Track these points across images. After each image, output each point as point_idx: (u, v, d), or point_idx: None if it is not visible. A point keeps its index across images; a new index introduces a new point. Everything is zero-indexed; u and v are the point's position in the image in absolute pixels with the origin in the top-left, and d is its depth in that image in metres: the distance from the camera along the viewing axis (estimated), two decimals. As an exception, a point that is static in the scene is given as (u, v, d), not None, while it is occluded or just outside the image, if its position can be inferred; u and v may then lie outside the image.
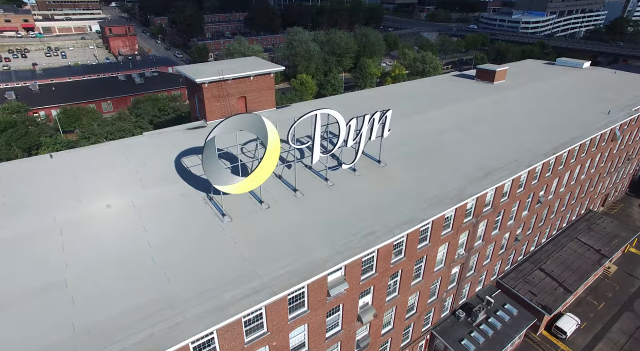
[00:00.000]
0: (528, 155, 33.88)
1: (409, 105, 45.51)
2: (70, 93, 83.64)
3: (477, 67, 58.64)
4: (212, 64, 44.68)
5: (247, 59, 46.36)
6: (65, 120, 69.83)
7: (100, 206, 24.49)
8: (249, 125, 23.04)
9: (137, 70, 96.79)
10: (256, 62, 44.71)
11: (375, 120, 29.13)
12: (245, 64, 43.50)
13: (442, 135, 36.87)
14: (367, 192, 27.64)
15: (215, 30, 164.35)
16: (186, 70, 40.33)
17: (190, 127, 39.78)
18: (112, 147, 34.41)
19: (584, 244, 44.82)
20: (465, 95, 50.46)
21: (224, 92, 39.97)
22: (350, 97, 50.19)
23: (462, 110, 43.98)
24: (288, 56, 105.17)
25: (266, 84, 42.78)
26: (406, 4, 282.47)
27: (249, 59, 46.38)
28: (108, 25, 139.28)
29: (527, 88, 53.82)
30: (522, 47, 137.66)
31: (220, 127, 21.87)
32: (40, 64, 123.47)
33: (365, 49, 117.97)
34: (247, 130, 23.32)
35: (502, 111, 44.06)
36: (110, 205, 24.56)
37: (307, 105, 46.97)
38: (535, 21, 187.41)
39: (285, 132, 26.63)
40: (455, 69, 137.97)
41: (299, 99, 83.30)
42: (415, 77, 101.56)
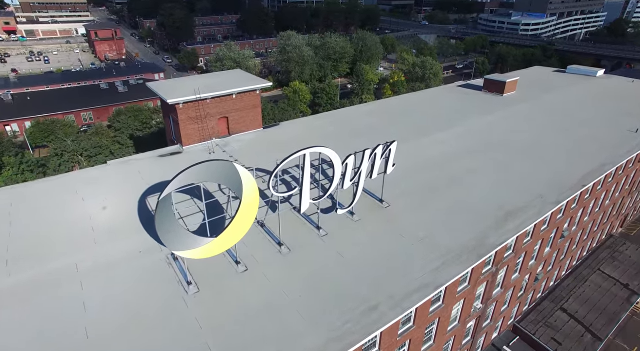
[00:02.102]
0: (553, 188, 29.08)
1: (412, 124, 40.72)
2: (46, 103, 78.12)
3: (485, 77, 53.91)
4: (190, 78, 39.60)
5: (230, 72, 41.33)
6: (38, 134, 64.37)
7: (32, 274, 19.33)
8: (217, 175, 18.02)
9: (121, 78, 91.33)
10: (240, 76, 39.68)
11: (377, 155, 24.14)
12: (228, 78, 38.45)
13: (452, 163, 32.01)
14: (367, 244, 22.72)
15: (207, 33, 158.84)
16: (159, 88, 35.25)
17: (163, 154, 34.67)
18: (67, 182, 29.24)
19: (608, 277, 40.17)
20: (474, 110, 45.70)
21: (202, 113, 34.89)
22: (347, 113, 45.24)
23: (471, 130, 39.20)
24: (281, 61, 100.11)
25: (251, 102, 37.75)
26: (403, 5, 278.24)
27: (233, 72, 41.36)
28: (94, 29, 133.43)
29: (540, 102, 49.21)
30: (523, 50, 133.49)
31: (177, 181, 16.87)
32: (21, 70, 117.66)
33: (361, 53, 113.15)
34: (215, 181, 18.34)
35: (516, 130, 39.31)
36: (47, 271, 19.42)
37: (298, 124, 41.97)
38: (535, 23, 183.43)
39: (269, 161, 21.53)
40: (455, 73, 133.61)
41: (291, 109, 78.25)
42: (414, 83, 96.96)
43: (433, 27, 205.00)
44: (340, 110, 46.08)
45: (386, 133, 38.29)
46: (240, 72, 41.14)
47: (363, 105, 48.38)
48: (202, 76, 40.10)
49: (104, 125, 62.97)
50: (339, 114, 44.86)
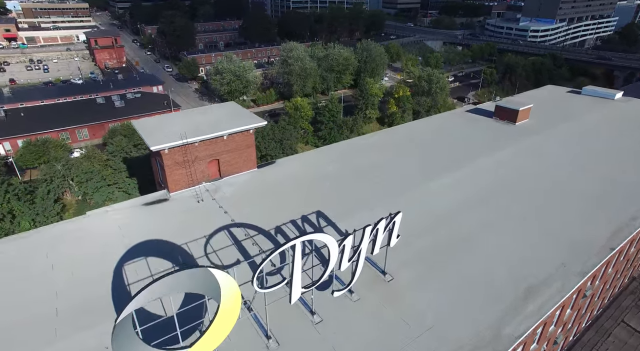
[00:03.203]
0: (577, 251, 25.95)
1: (418, 163, 37.68)
2: (41, 119, 75.91)
3: (496, 104, 50.65)
4: (179, 115, 36.81)
5: (222, 106, 38.48)
6: (28, 157, 62.08)
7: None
8: (192, 285, 15.11)
9: (118, 91, 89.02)
10: (233, 112, 36.84)
11: (379, 230, 21.20)
12: (219, 116, 35.62)
13: (461, 216, 28.93)
14: (368, 333, 19.81)
15: (208, 40, 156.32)
16: (143, 129, 32.50)
17: (149, 202, 31.90)
18: (39, 242, 26.59)
19: (634, 331, 36.90)
20: (484, 143, 42.55)
21: (190, 157, 32.10)
22: (348, 147, 42.26)
23: (482, 170, 36.11)
24: (282, 74, 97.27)
25: (244, 142, 34.93)
26: (408, 9, 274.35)
27: (225, 106, 38.51)
28: (94, 36, 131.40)
29: (556, 132, 45.90)
30: (533, 59, 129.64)
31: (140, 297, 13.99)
32: (19, 80, 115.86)
33: (366, 63, 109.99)
34: (188, 291, 15.45)
35: (531, 170, 36.14)
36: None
37: (295, 162, 39.06)
38: (544, 29, 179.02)
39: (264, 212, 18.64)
40: (462, 84, 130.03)
41: (292, 127, 75.38)
42: (420, 98, 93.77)
43: (439, 32, 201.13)
44: (342, 144, 43.14)
45: (390, 174, 35.42)
46: (234, 107, 38.28)
47: (366, 136, 45.39)
48: (192, 112, 37.27)
49: (96, 149, 60.51)
50: (340, 148, 41.90)
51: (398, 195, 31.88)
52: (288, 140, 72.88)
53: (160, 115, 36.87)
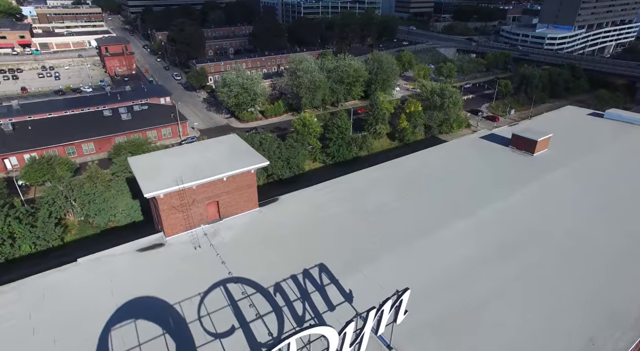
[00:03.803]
0: (609, 324, 23.42)
1: (427, 204, 35.43)
2: (48, 133, 75.50)
3: (513, 134, 47.96)
4: (178, 152, 35.00)
5: (223, 140, 36.76)
6: (33, 175, 61.51)
7: None
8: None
9: (126, 103, 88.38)
10: (234, 148, 35.10)
11: (384, 311, 19.15)
12: (219, 152, 33.91)
13: (475, 275, 26.60)
14: None
15: (218, 47, 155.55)
16: (138, 169, 31.03)
17: (143, 247, 30.36)
18: (22, 297, 25.21)
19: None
20: (500, 179, 40.05)
21: (187, 200, 30.44)
22: (355, 182, 40.18)
23: (498, 214, 33.71)
24: (291, 87, 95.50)
25: (245, 182, 33.18)
26: (421, 13, 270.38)
27: (227, 141, 36.79)
28: (104, 44, 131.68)
29: (579, 165, 43.12)
30: (550, 70, 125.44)
31: None
32: (30, 88, 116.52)
33: (377, 75, 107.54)
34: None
35: (551, 215, 33.61)
36: None
37: (299, 199, 37.12)
38: (561, 37, 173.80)
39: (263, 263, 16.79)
40: (476, 95, 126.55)
41: (300, 145, 73.47)
42: (432, 112, 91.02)
43: (453, 39, 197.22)
44: (348, 179, 41.01)
45: (397, 217, 33.30)
46: (234, 141, 36.53)
47: (373, 169, 43.16)
48: (191, 148, 35.58)
49: (99, 169, 59.51)
50: (345, 184, 39.81)
51: (406, 244, 29.79)
52: (295, 159, 71.08)
53: (158, 152, 35.32)
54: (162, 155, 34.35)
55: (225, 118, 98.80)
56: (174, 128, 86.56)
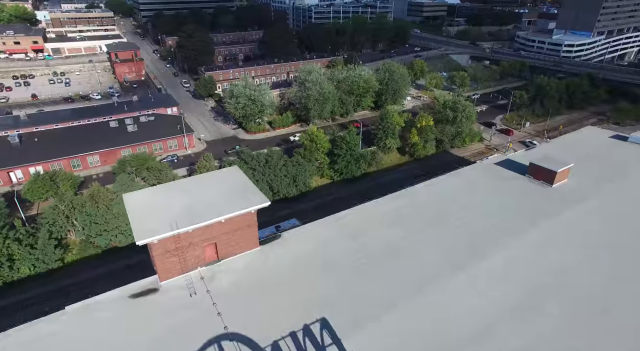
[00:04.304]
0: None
1: (439, 244, 33.11)
2: (54, 145, 75.06)
3: (530, 163, 45.24)
4: (174, 189, 33.12)
5: (223, 174, 34.99)
6: (36, 192, 60.83)
7: None
8: None
9: (132, 114, 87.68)
10: (234, 184, 33.27)
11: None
12: (219, 190, 32.13)
13: (491, 338, 24.26)
14: None
15: (227, 53, 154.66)
16: (132, 210, 29.46)
17: (136, 293, 28.72)
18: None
19: None
20: (517, 214, 37.48)
21: (183, 243, 28.76)
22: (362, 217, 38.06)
23: (514, 259, 31.23)
24: (300, 98, 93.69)
25: (245, 222, 31.31)
26: (435, 17, 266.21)
27: (227, 174, 35.00)
28: (114, 50, 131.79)
29: (603, 199, 40.15)
30: (567, 81, 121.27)
31: None
32: (41, 94, 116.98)
33: (387, 85, 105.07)
34: None
35: (574, 261, 30.99)
36: None
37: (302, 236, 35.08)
38: (579, 44, 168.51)
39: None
40: (489, 105, 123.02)
41: (307, 161, 71.65)
42: (444, 126, 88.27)
43: (466, 46, 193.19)
44: (355, 211, 38.92)
45: (408, 260, 31.17)
46: (235, 175, 34.69)
47: (382, 201, 40.96)
48: (189, 183, 33.80)
49: (101, 188, 58.54)
50: (352, 218, 37.69)
51: (416, 292, 27.59)
52: (302, 176, 69.29)
53: (154, 188, 33.69)
54: (157, 191, 32.72)
55: (232, 129, 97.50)
56: (180, 140, 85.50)
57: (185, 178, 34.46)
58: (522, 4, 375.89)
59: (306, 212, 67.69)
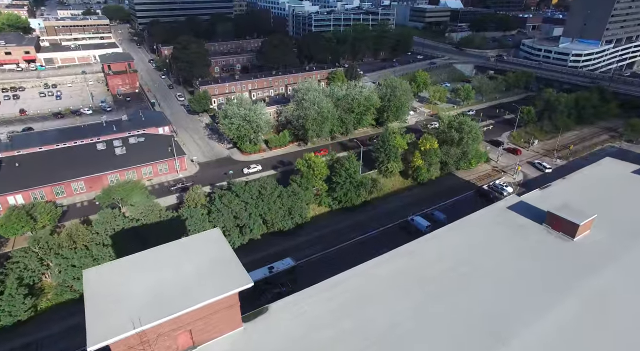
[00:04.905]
0: None
1: (448, 323, 28.79)
2: (35, 170, 70.81)
3: (548, 212, 40.72)
4: (143, 260, 28.71)
5: (201, 241, 30.63)
6: (10, 228, 56.50)
7: None
8: None
9: (122, 134, 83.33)
10: (213, 255, 28.89)
11: None
12: (195, 265, 27.76)
13: None
14: None
15: (225, 63, 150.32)
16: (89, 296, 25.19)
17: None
18: None
19: None
20: (537, 284, 33.02)
21: (150, 337, 24.43)
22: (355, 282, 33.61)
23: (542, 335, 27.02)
24: (297, 118, 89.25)
25: (225, 304, 26.99)
26: (437, 23, 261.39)
27: (206, 239, 30.68)
28: (107, 62, 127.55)
29: (633, 256, 35.80)
30: (576, 95, 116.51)
31: None
32: (30, 109, 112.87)
33: (390, 102, 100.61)
34: None
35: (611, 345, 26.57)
36: None
37: (291, 312, 30.67)
38: (587, 53, 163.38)
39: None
40: (495, 120, 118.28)
41: (303, 191, 67.25)
42: (449, 148, 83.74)
43: (470, 54, 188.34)
44: (350, 276, 34.42)
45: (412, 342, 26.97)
46: (214, 239, 30.30)
47: (380, 261, 36.45)
48: (160, 255, 29.25)
49: (80, 226, 54.22)
50: (347, 285, 33.16)
51: None
52: (298, 207, 64.85)
53: (120, 263, 29.21)
54: (123, 267, 28.30)
55: (227, 148, 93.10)
56: (171, 163, 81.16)
57: (157, 248, 29.99)
58: (526, 7, 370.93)
59: (302, 247, 63.30)
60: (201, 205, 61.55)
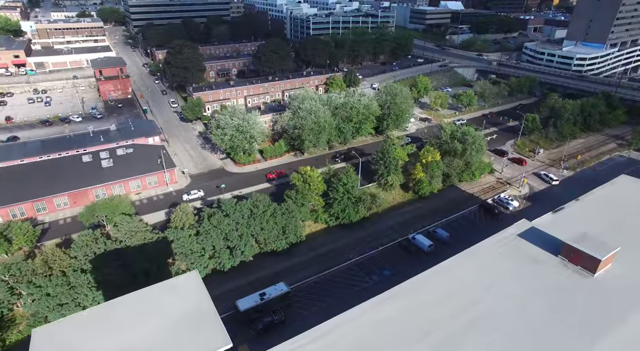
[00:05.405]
0: None
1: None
2: (16, 185, 67.06)
3: (564, 243, 37.01)
4: (103, 316, 24.90)
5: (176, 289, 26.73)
6: (-17, 251, 52.79)
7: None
8: None
9: (109, 145, 79.48)
10: (187, 308, 25.03)
11: None
12: (165, 321, 23.89)
13: None
14: None
15: (220, 67, 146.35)
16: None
17: None
18: None
19: None
20: (554, 325, 29.33)
21: None
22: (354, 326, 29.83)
23: None
24: (293, 128, 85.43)
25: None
26: (437, 24, 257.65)
27: (181, 286, 26.81)
28: (99, 67, 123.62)
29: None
30: (582, 101, 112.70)
31: None
32: (17, 116, 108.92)
33: (390, 109, 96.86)
34: None
35: None
36: None
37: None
38: (592, 57, 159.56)
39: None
40: (499, 128, 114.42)
41: (298, 208, 63.50)
42: (451, 159, 79.98)
43: (472, 58, 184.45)
44: (348, 319, 30.63)
45: None
46: (191, 287, 26.53)
47: (381, 301, 32.65)
48: (125, 306, 25.48)
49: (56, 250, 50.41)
50: (344, 330, 29.45)
51: None
52: (292, 226, 61.05)
53: (80, 317, 25.36)
54: (79, 326, 24.45)
55: (220, 159, 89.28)
56: (160, 176, 77.33)
57: (122, 299, 26.17)
58: (527, 9, 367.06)
59: (297, 269, 59.44)
60: (189, 225, 57.72)
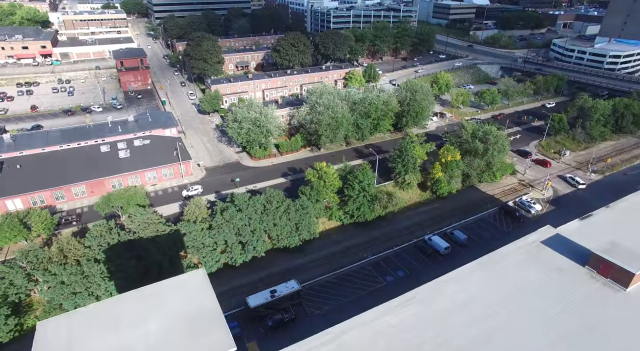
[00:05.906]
0: None
1: None
2: (37, 173, 68.35)
3: (593, 253, 34.69)
4: (106, 313, 24.40)
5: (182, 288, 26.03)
6: (2, 236, 53.85)
7: None
8: None
9: (127, 136, 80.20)
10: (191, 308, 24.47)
11: None
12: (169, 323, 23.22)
13: None
14: None
15: (239, 60, 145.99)
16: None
17: None
18: None
19: None
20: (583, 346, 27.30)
21: None
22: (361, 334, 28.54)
23: None
24: (310, 123, 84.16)
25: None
26: (462, 19, 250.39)
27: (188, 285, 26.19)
28: (120, 58, 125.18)
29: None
30: (614, 101, 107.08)
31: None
32: (42, 105, 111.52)
33: (409, 106, 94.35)
34: None
35: None
36: None
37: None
38: (627, 54, 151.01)
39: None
40: (522, 128, 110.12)
41: (312, 205, 62.37)
42: (472, 159, 77.15)
43: (496, 55, 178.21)
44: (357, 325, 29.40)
45: None
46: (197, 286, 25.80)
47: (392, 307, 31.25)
48: (129, 304, 24.91)
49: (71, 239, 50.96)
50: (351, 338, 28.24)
51: None
52: (306, 222, 60.07)
53: (85, 312, 24.97)
54: (84, 321, 24.09)
55: (236, 152, 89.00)
56: (176, 167, 77.57)
57: (129, 294, 25.77)
58: (557, 4, 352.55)
59: (309, 267, 58.53)
60: (202, 219, 57.48)
